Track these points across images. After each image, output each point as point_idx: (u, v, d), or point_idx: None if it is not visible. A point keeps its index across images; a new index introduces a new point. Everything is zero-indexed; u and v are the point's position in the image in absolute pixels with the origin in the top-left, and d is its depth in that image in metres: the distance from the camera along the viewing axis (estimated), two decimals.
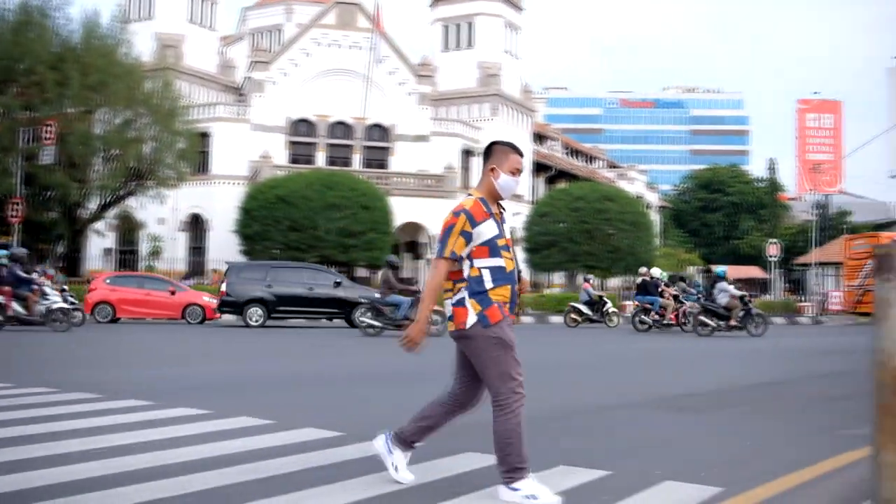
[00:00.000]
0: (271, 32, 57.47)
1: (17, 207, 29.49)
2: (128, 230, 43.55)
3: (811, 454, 5.78)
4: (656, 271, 26.33)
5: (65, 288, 22.57)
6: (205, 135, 43.29)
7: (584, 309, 26.64)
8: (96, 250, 40.51)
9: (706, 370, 13.24)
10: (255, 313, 23.97)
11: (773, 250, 41.26)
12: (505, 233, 4.49)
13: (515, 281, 4.51)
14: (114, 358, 14.11)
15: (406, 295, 20.04)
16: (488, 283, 4.37)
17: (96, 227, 37.15)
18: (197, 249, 45.01)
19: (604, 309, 26.59)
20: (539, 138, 61.72)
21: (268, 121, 45.78)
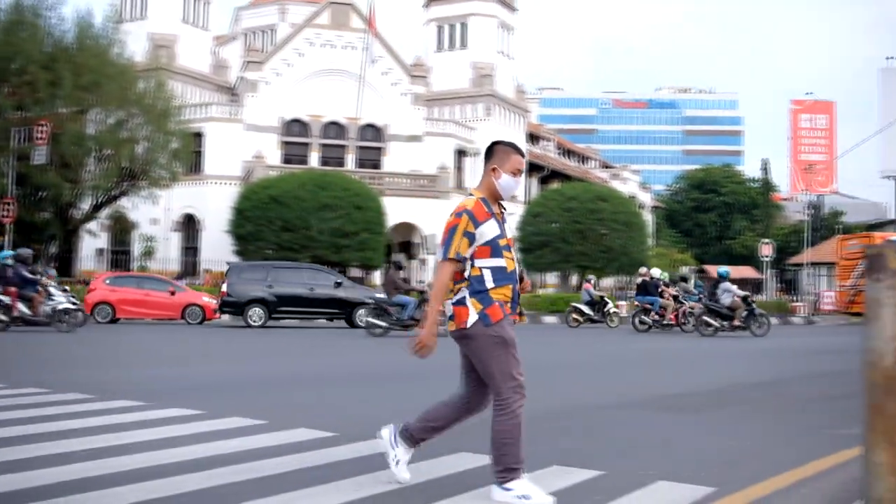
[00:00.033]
0: (265, 32, 57.39)
1: (9, 208, 29.43)
2: (121, 230, 43.45)
3: (804, 454, 5.79)
4: (656, 272, 26.40)
5: (66, 288, 22.53)
6: (198, 135, 43.22)
7: (586, 309, 26.74)
8: (89, 251, 40.44)
9: (702, 370, 13.26)
10: (256, 313, 23.96)
11: (767, 250, 41.35)
12: (506, 233, 4.49)
13: (516, 280, 4.50)
14: (110, 358, 14.09)
15: (410, 294, 20.04)
16: (489, 283, 4.36)
17: (89, 228, 37.04)
18: (190, 250, 44.96)
19: (605, 309, 26.72)
20: (532, 138, 61.79)
21: (261, 121, 45.73)
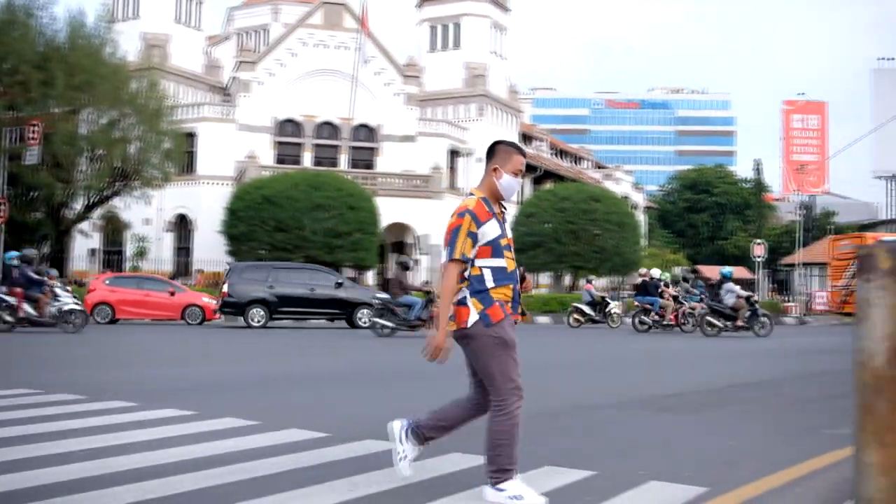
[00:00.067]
0: (258, 32, 57.34)
1: (2, 208, 29.28)
2: (113, 231, 43.33)
3: (796, 454, 5.81)
4: (656, 272, 26.51)
5: (67, 289, 22.46)
6: (191, 135, 43.15)
7: (587, 309, 26.88)
8: (81, 251, 40.32)
9: (699, 370, 13.28)
10: (257, 314, 23.90)
11: (759, 251, 41.44)
12: (507, 232, 4.49)
13: (517, 280, 4.50)
14: (110, 359, 14.03)
15: (417, 295, 20.04)
16: (490, 283, 4.35)
17: (81, 228, 36.91)
18: (182, 250, 44.85)
19: (606, 310, 26.85)
20: (525, 139, 61.78)
21: (254, 121, 45.66)
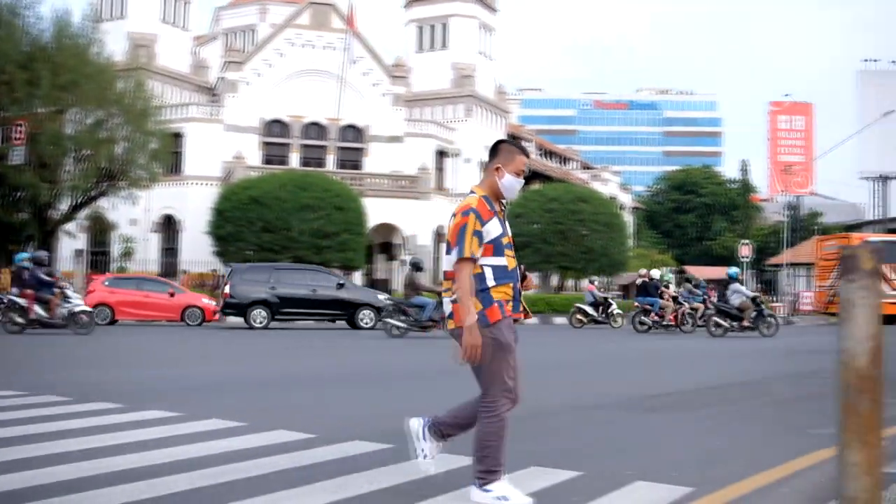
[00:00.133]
0: (245, 32, 57.19)
1: None
2: (99, 231, 43.15)
3: (782, 453, 5.82)
4: (656, 272, 26.69)
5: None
6: (177, 135, 43.00)
7: (589, 310, 26.99)
8: (67, 252, 40.04)
9: (690, 370, 13.31)
10: (259, 315, 23.82)
11: (746, 251, 41.60)
12: (508, 231, 4.48)
13: (517, 279, 4.48)
14: (101, 361, 13.88)
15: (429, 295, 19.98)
16: (490, 282, 4.33)
17: (67, 229, 36.73)
18: (169, 251, 44.70)
19: (609, 310, 26.95)
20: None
21: (241, 121, 45.55)
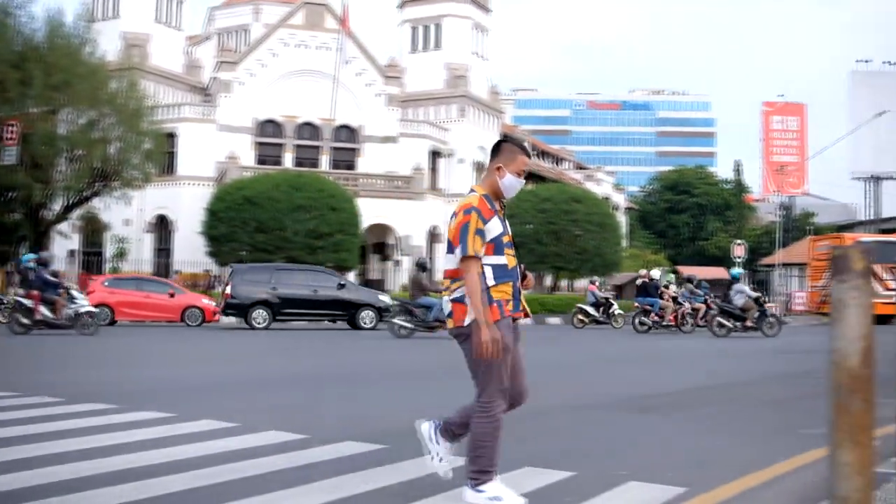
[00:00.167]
0: (238, 32, 57.08)
1: None
2: (92, 231, 43.06)
3: (774, 453, 5.83)
4: (656, 273, 26.76)
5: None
6: (171, 135, 42.92)
7: (591, 310, 27.05)
8: (60, 252, 40.00)
9: (686, 371, 13.31)
10: (261, 315, 23.79)
11: (739, 251, 41.65)
12: (508, 229, 4.47)
13: (517, 277, 4.45)
14: (97, 361, 13.85)
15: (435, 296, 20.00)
16: (490, 281, 4.30)
17: (60, 229, 36.67)
18: (163, 251, 44.63)
19: (610, 311, 27.02)
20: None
21: (235, 121, 45.49)
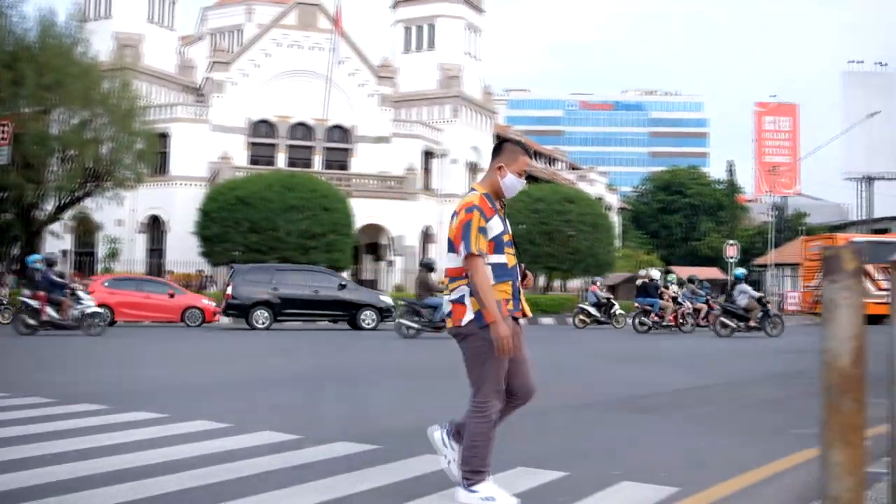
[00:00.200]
0: (231, 33, 57.01)
1: None
2: (85, 232, 42.95)
3: (767, 453, 5.85)
4: (656, 273, 26.81)
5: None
6: (164, 135, 42.81)
7: (592, 310, 27.12)
8: (54, 252, 39.87)
9: (682, 371, 13.29)
10: (262, 316, 23.75)
11: (732, 251, 41.73)
12: (508, 228, 4.48)
13: (517, 277, 4.45)
14: (94, 362, 13.79)
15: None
16: (490, 280, 4.31)
17: (52, 229, 36.56)
18: (155, 251, 44.54)
19: (611, 311, 27.12)
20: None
21: (228, 121, 45.42)
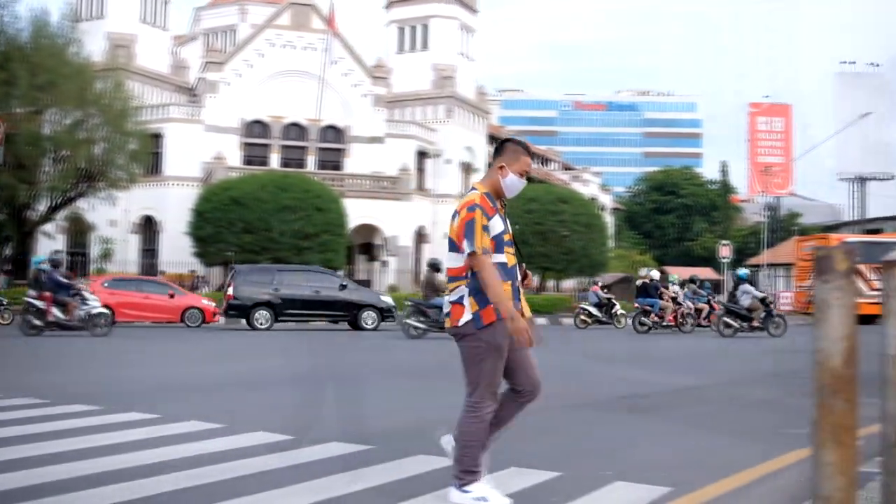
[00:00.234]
0: (225, 33, 56.94)
1: None
2: (78, 232, 42.84)
3: (760, 453, 5.86)
4: (656, 274, 26.91)
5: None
6: (157, 136, 42.76)
7: (594, 310, 27.20)
8: (45, 253, 39.75)
9: (679, 371, 13.30)
10: (263, 316, 23.70)
11: (725, 252, 41.79)
12: (509, 228, 4.46)
13: (517, 277, 4.45)
14: (92, 362, 13.78)
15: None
16: None
17: (45, 230, 36.47)
18: (149, 252, 44.45)
19: (612, 311, 27.20)
20: (494, 140, 61.88)
21: (221, 122, 45.35)
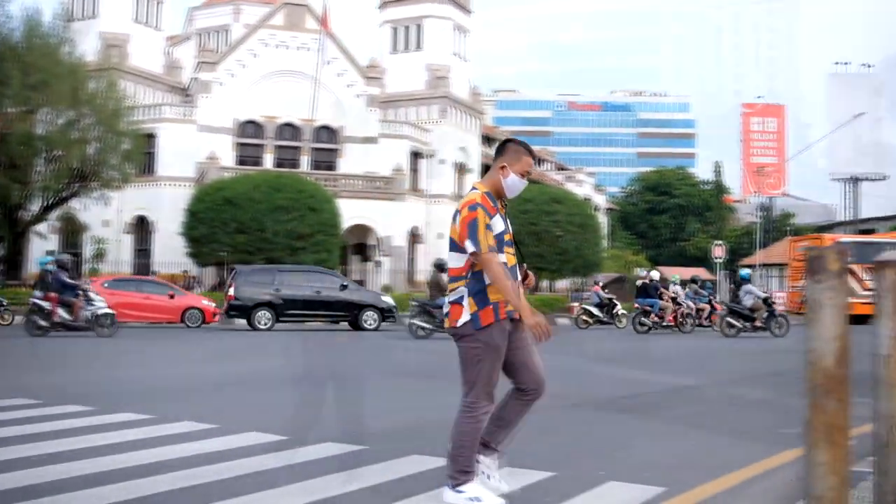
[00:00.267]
0: (218, 33, 56.84)
1: None
2: (71, 232, 42.76)
3: (754, 453, 5.87)
4: (655, 274, 26.99)
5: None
6: (150, 136, 42.65)
7: (595, 311, 27.29)
8: (38, 253, 39.66)
9: (676, 371, 13.27)
10: (264, 317, 23.70)
11: (719, 252, 41.87)
12: (509, 228, 4.46)
13: (517, 277, 4.44)
14: (91, 362, 13.73)
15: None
16: (488, 280, 4.29)
17: (38, 230, 36.41)
18: (142, 252, 44.39)
19: (613, 311, 27.28)
20: (488, 141, 61.92)
21: (215, 122, 45.30)
